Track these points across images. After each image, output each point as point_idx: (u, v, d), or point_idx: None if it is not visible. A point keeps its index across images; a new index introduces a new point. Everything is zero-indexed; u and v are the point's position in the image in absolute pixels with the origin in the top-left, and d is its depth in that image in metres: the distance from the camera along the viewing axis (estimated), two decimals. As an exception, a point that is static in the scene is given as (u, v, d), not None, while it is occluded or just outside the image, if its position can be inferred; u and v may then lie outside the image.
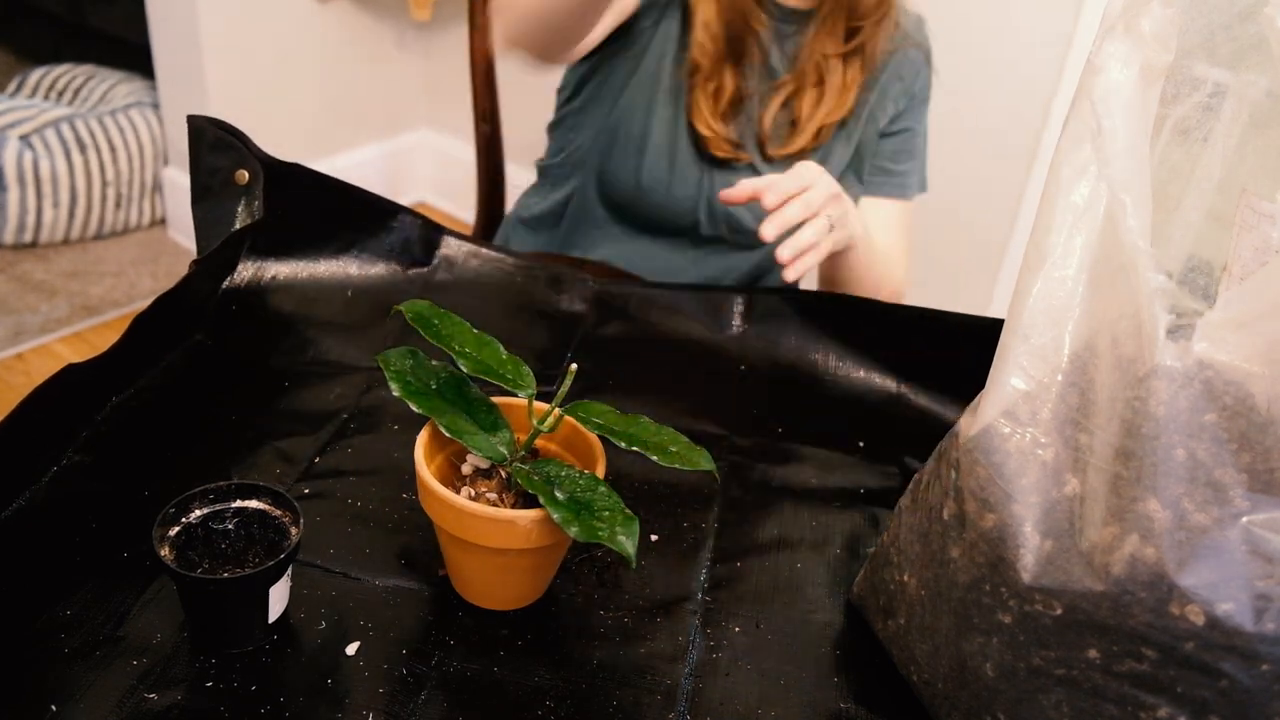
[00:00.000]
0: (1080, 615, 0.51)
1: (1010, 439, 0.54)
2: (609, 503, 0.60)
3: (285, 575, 0.60)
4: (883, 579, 0.65)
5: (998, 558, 0.54)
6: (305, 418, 0.80)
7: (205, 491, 0.62)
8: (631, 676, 0.62)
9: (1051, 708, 0.53)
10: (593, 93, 1.17)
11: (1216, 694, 0.48)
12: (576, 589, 0.68)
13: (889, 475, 0.83)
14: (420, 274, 0.97)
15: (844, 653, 0.66)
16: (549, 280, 0.98)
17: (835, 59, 1.10)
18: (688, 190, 1.14)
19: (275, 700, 0.58)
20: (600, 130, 1.17)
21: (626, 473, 0.79)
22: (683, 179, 1.14)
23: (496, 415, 0.65)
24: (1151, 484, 0.49)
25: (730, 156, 1.13)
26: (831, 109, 1.12)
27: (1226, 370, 0.47)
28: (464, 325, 0.67)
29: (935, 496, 0.60)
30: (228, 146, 0.86)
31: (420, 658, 0.62)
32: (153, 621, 0.61)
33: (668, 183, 1.14)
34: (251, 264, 0.91)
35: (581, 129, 1.20)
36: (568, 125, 1.22)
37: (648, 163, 1.14)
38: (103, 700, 0.56)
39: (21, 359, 1.99)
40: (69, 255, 2.29)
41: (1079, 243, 0.53)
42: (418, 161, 2.63)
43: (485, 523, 0.60)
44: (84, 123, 2.27)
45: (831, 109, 1.12)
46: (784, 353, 0.95)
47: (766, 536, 0.75)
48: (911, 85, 1.16)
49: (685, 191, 1.14)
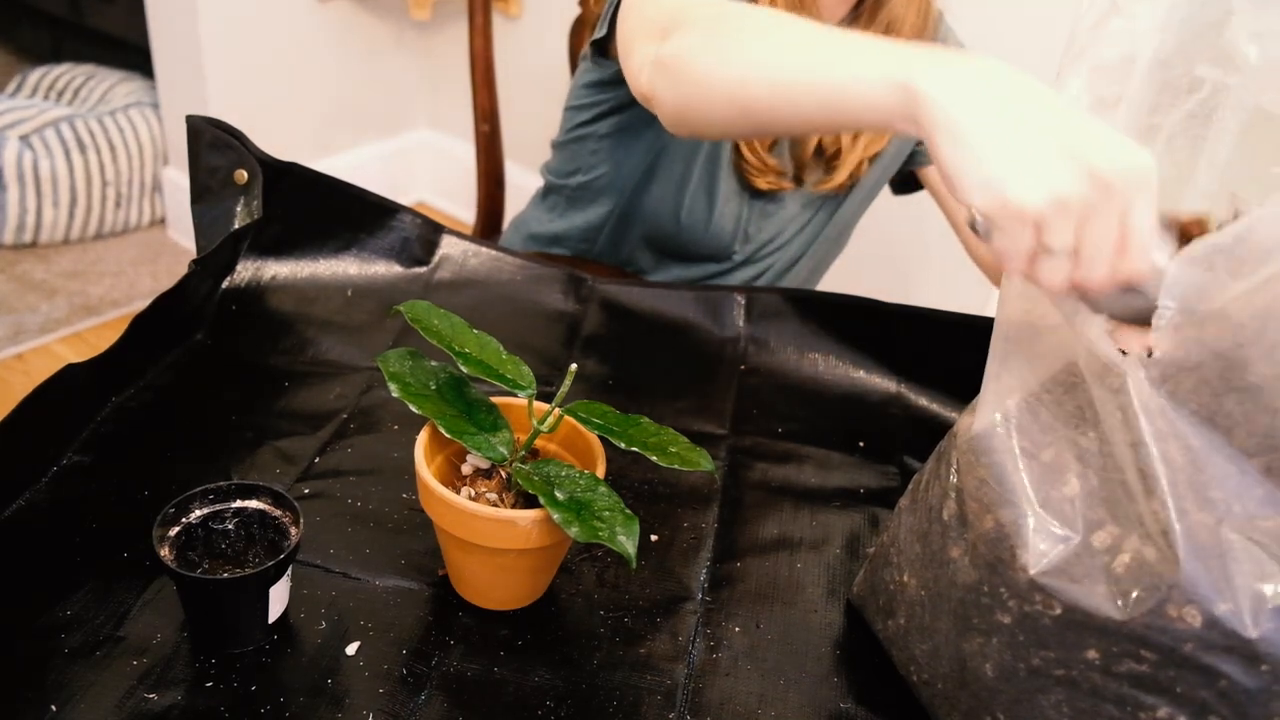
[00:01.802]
0: (1080, 616, 0.51)
1: (1009, 439, 0.55)
2: (609, 503, 0.60)
3: (285, 575, 0.60)
4: (883, 579, 0.65)
5: (997, 558, 0.54)
6: (305, 418, 0.80)
7: (205, 491, 0.62)
8: (631, 676, 0.62)
9: (1051, 708, 0.53)
10: (623, 124, 1.12)
11: (1216, 694, 0.48)
12: (576, 589, 0.68)
13: (889, 475, 0.83)
14: (420, 274, 0.97)
15: (844, 653, 0.66)
16: (549, 280, 0.98)
17: None
18: (727, 225, 1.12)
19: (275, 700, 0.58)
20: (634, 166, 1.13)
21: (626, 473, 0.79)
22: (722, 214, 1.11)
23: (496, 415, 0.65)
24: (1150, 485, 0.49)
25: (774, 187, 1.10)
26: (870, 140, 1.09)
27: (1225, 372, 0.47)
28: (464, 325, 0.67)
29: (935, 497, 0.60)
30: (227, 146, 0.86)
31: (420, 658, 0.62)
32: (153, 621, 0.61)
33: (707, 220, 1.11)
34: (251, 264, 0.91)
35: (607, 159, 1.15)
36: (588, 150, 1.16)
37: (688, 202, 1.10)
38: (103, 700, 0.56)
39: (21, 359, 1.99)
40: (69, 255, 2.29)
41: None
42: (418, 161, 2.63)
43: (485, 523, 0.60)
44: (84, 123, 2.27)
45: (870, 140, 1.09)
46: (784, 352, 0.95)
47: (766, 536, 0.75)
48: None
49: (725, 226, 1.12)
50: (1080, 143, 0.49)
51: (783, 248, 1.17)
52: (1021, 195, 0.48)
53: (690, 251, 1.15)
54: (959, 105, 0.52)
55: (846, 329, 0.95)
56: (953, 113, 0.52)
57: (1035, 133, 0.49)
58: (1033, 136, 0.49)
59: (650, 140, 1.11)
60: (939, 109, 0.52)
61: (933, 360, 0.92)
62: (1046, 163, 0.49)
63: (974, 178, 0.50)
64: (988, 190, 0.50)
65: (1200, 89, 0.55)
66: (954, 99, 0.52)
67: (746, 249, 1.15)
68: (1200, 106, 0.56)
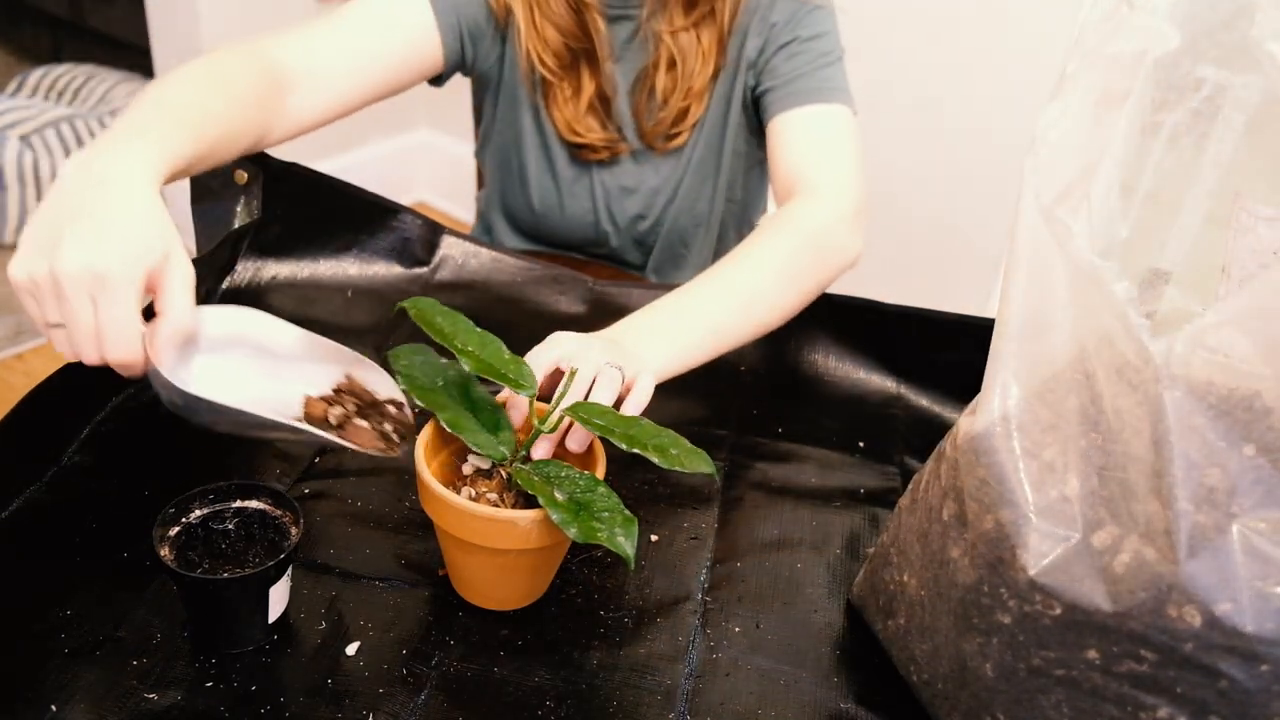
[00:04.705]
0: (1080, 615, 0.51)
1: (1009, 440, 0.55)
2: (608, 503, 0.60)
3: (285, 575, 0.60)
4: (883, 579, 0.65)
5: (997, 558, 0.54)
6: (305, 418, 0.80)
7: (205, 491, 0.62)
8: (631, 676, 0.62)
9: (1051, 708, 0.53)
10: (484, 131, 1.17)
11: (1216, 694, 0.48)
12: (576, 589, 0.68)
13: (889, 475, 0.83)
14: (420, 274, 0.97)
15: (844, 653, 0.66)
16: (549, 281, 0.98)
17: (684, 32, 1.04)
18: (582, 204, 1.12)
19: (275, 700, 0.58)
20: (493, 167, 1.16)
21: (626, 473, 0.79)
22: (572, 194, 1.12)
23: (499, 415, 0.65)
24: (1151, 485, 0.49)
25: (607, 155, 1.09)
26: (692, 84, 1.05)
27: (1225, 372, 0.47)
28: (467, 323, 0.67)
29: (935, 497, 0.60)
30: (228, 147, 0.86)
31: (420, 658, 0.62)
32: (153, 621, 0.61)
33: (559, 203, 1.12)
34: (251, 264, 0.91)
35: (486, 166, 1.19)
36: (481, 161, 1.21)
37: (534, 188, 1.12)
38: (103, 700, 0.56)
39: (21, 359, 1.99)
40: (69, 255, 2.29)
41: (1053, 252, 0.53)
42: (418, 161, 2.63)
43: (485, 523, 0.60)
44: (84, 123, 2.27)
45: (692, 84, 1.05)
46: (784, 353, 0.95)
47: (766, 536, 0.75)
48: (768, 13, 1.04)
49: (580, 206, 1.12)
50: (60, 237, 0.57)
51: (661, 223, 1.14)
52: (10, 269, 0.58)
53: (561, 238, 1.16)
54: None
55: (846, 329, 0.95)
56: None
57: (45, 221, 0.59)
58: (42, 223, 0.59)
59: (492, 141, 1.14)
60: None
61: (933, 360, 0.92)
62: (35, 247, 0.58)
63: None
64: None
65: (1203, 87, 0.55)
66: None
67: (620, 231, 1.14)
68: (1206, 104, 0.55)
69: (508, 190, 1.15)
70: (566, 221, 1.14)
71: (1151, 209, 0.58)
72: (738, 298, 0.84)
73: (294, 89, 0.85)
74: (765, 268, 0.86)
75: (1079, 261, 0.51)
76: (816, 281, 0.89)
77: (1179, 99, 0.56)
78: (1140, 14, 0.53)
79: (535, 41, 1.03)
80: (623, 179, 1.11)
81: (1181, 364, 0.47)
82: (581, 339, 0.74)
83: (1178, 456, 0.48)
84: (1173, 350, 0.47)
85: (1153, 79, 0.54)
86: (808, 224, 0.90)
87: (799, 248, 0.88)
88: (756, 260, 0.87)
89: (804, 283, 0.88)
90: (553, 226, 1.15)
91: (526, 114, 1.10)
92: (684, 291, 0.84)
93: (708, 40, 1.04)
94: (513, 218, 1.18)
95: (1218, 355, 0.47)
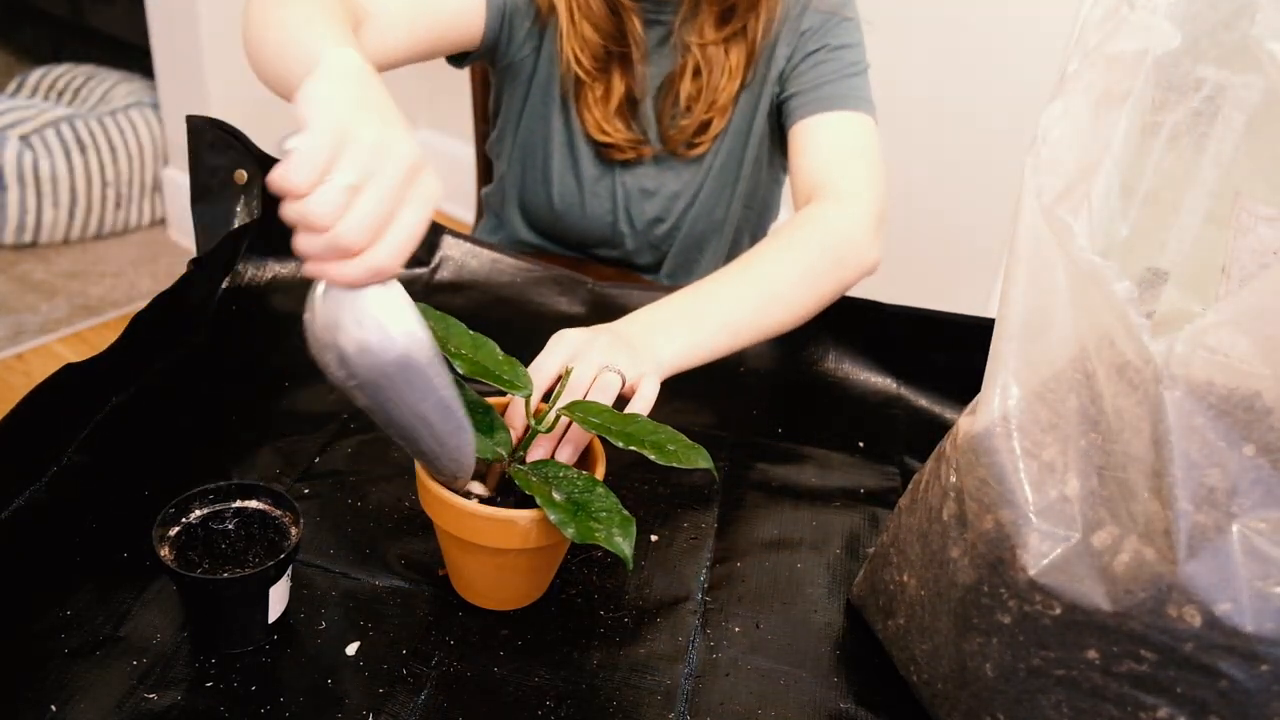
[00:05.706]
0: (1079, 616, 0.51)
1: (1009, 440, 0.55)
2: (607, 503, 0.60)
3: (285, 575, 0.60)
4: (883, 579, 0.65)
5: (997, 558, 0.54)
6: (305, 418, 0.80)
7: (205, 491, 0.62)
8: (631, 676, 0.62)
9: (1051, 708, 0.53)
10: (502, 124, 1.16)
11: (1216, 694, 0.48)
12: (576, 589, 0.68)
13: (889, 475, 0.83)
14: (420, 274, 0.97)
15: (844, 653, 0.66)
16: (549, 282, 0.98)
17: (714, 46, 1.04)
18: (603, 204, 1.12)
19: (275, 700, 0.58)
20: (512, 161, 1.16)
21: (626, 473, 0.79)
22: (594, 193, 1.12)
23: (493, 417, 0.65)
24: (1150, 485, 0.49)
25: (633, 155, 1.09)
26: (716, 98, 1.06)
27: (1226, 372, 0.47)
28: (460, 327, 0.67)
29: (935, 497, 0.60)
30: (227, 146, 0.86)
31: (420, 658, 0.62)
32: (153, 621, 0.61)
33: (580, 201, 1.12)
34: (251, 264, 0.91)
35: (503, 159, 1.18)
36: (495, 154, 1.20)
37: (556, 186, 1.12)
38: (103, 700, 0.56)
39: (21, 359, 1.99)
40: (69, 255, 2.29)
41: (1053, 252, 0.53)
42: (418, 161, 2.64)
43: (485, 522, 0.60)
44: (84, 123, 2.27)
45: (716, 98, 1.06)
46: (784, 353, 0.95)
47: (766, 536, 0.75)
48: (798, 22, 1.05)
49: (601, 206, 1.12)
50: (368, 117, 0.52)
51: (678, 227, 1.14)
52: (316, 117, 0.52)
53: (576, 236, 1.16)
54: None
55: (846, 329, 0.95)
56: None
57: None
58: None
59: (513, 135, 1.14)
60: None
61: (933, 360, 0.92)
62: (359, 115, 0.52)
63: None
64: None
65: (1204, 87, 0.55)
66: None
67: (637, 234, 1.14)
68: (1206, 104, 0.55)
69: (527, 185, 1.15)
70: (585, 220, 1.13)
71: (1151, 209, 0.58)
72: (756, 297, 0.84)
73: (360, 26, 0.86)
74: (785, 269, 0.86)
75: (1079, 261, 0.51)
76: (834, 287, 0.89)
77: (1179, 99, 0.56)
78: (1140, 13, 0.53)
79: (573, 40, 1.04)
80: (644, 181, 1.11)
81: (1181, 364, 0.47)
82: (586, 333, 0.74)
83: (1178, 456, 0.48)
84: (1173, 350, 0.47)
85: (1153, 79, 0.54)
86: (829, 229, 0.90)
87: (820, 252, 0.88)
88: (776, 261, 0.87)
89: (822, 287, 0.88)
90: (571, 224, 1.14)
91: (556, 111, 1.10)
92: (700, 286, 0.84)
93: (735, 57, 1.05)
94: (530, 213, 1.17)
95: (1218, 355, 0.47)
